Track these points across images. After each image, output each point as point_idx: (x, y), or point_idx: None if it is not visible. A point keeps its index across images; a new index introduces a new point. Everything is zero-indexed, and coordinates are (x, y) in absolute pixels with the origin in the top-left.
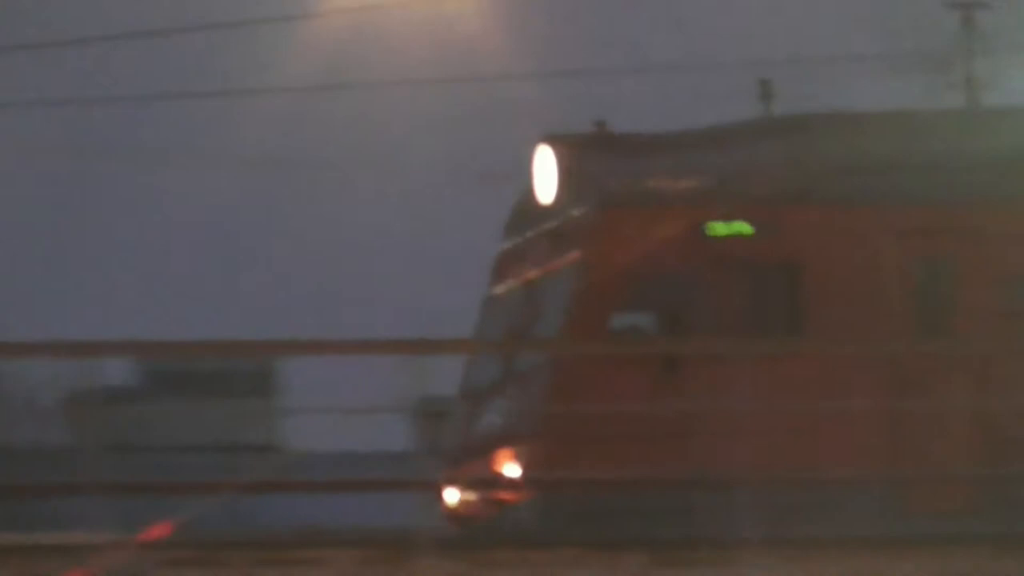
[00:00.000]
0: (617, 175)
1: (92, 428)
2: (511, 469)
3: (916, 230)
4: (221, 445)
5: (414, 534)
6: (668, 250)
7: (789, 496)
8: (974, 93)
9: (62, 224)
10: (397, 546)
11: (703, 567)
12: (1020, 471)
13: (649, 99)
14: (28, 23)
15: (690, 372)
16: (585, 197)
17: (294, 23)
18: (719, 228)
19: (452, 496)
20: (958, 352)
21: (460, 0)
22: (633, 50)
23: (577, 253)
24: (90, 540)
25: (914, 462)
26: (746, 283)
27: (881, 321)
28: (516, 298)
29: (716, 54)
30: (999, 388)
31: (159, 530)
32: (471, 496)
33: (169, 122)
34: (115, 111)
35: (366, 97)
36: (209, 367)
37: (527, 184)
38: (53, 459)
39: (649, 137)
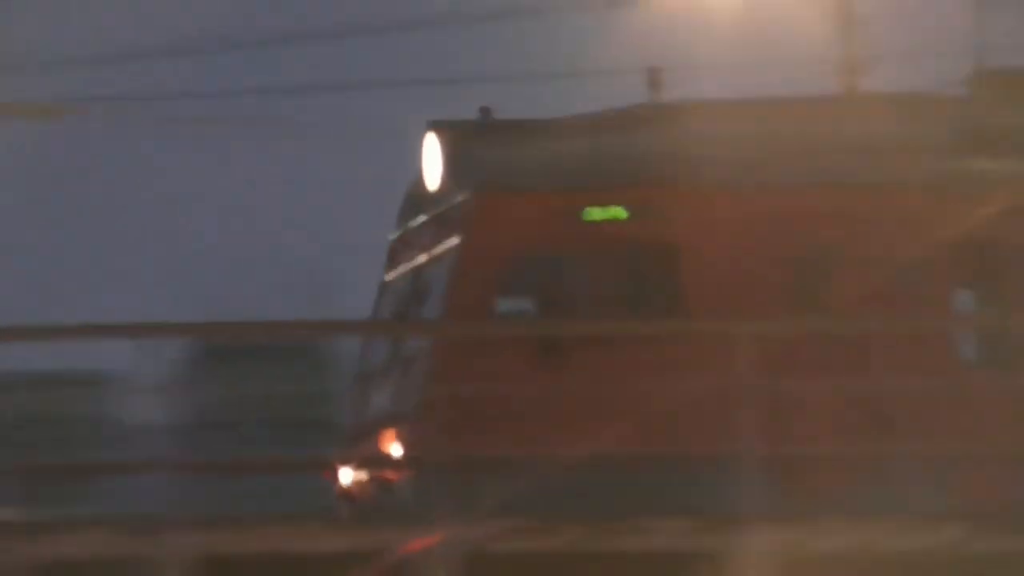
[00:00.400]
0: (497, 161)
1: None
2: (394, 449)
3: (791, 212)
4: None
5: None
6: (546, 234)
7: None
8: (851, 79)
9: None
10: (724, 516)
11: None
12: (896, 450)
13: None
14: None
15: (568, 353)
16: (466, 183)
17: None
18: (595, 212)
19: (345, 476)
20: (834, 331)
21: None
22: None
23: (457, 238)
24: (429, 512)
25: (792, 440)
26: (622, 266)
27: (757, 302)
28: (405, 283)
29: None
30: (876, 368)
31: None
32: (361, 476)
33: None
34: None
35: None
36: None
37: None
38: None
39: (531, 124)
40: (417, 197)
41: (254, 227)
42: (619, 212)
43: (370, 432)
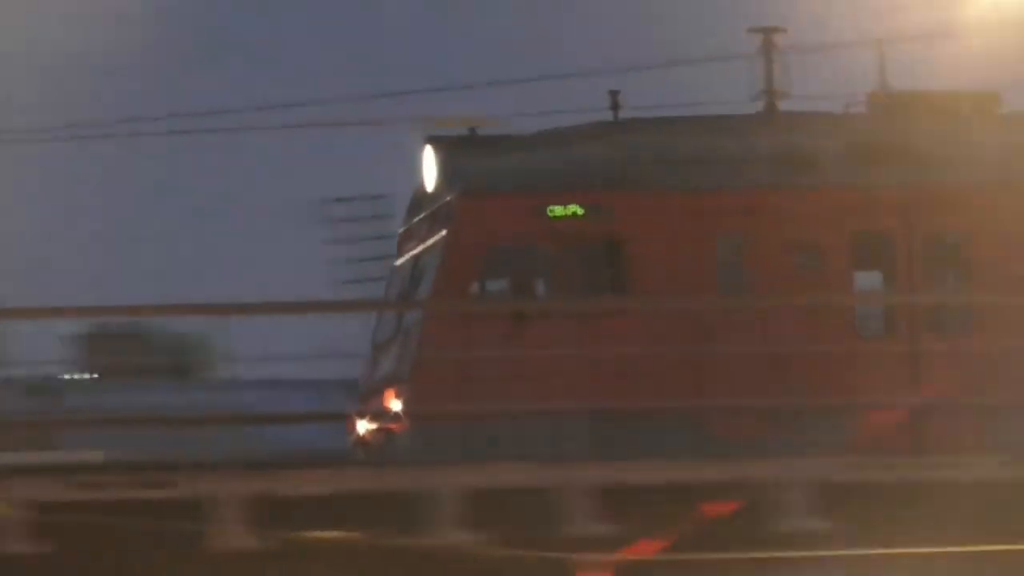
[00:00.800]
0: (478, 168)
1: None
2: (395, 404)
3: (717, 210)
4: None
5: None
6: (516, 228)
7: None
8: (772, 101)
9: None
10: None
11: None
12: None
13: None
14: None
15: (533, 326)
16: (453, 186)
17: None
18: (557, 210)
19: (360, 427)
20: (751, 307)
21: None
22: None
23: (445, 232)
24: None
25: (715, 396)
26: (578, 254)
27: (689, 284)
28: (407, 268)
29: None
30: (784, 335)
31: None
32: (371, 426)
33: None
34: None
35: None
36: None
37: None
38: None
39: (507, 138)
40: (419, 197)
41: None
42: (576, 209)
43: (377, 390)
